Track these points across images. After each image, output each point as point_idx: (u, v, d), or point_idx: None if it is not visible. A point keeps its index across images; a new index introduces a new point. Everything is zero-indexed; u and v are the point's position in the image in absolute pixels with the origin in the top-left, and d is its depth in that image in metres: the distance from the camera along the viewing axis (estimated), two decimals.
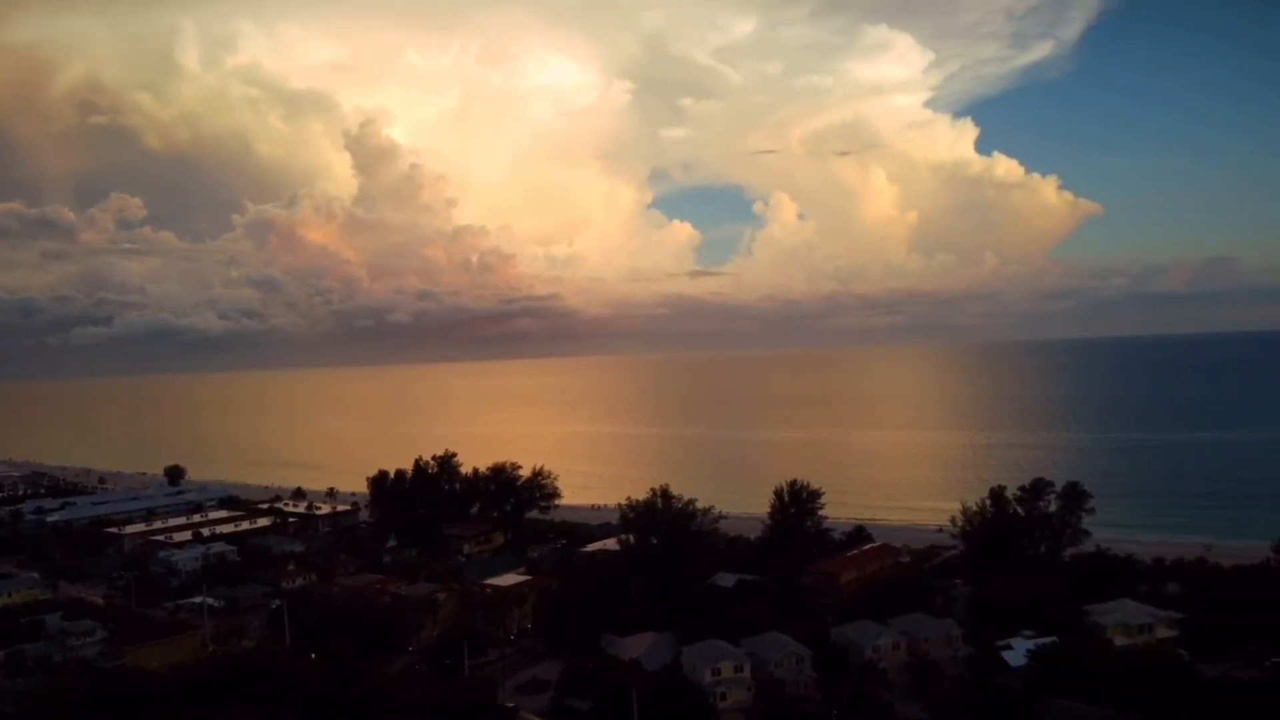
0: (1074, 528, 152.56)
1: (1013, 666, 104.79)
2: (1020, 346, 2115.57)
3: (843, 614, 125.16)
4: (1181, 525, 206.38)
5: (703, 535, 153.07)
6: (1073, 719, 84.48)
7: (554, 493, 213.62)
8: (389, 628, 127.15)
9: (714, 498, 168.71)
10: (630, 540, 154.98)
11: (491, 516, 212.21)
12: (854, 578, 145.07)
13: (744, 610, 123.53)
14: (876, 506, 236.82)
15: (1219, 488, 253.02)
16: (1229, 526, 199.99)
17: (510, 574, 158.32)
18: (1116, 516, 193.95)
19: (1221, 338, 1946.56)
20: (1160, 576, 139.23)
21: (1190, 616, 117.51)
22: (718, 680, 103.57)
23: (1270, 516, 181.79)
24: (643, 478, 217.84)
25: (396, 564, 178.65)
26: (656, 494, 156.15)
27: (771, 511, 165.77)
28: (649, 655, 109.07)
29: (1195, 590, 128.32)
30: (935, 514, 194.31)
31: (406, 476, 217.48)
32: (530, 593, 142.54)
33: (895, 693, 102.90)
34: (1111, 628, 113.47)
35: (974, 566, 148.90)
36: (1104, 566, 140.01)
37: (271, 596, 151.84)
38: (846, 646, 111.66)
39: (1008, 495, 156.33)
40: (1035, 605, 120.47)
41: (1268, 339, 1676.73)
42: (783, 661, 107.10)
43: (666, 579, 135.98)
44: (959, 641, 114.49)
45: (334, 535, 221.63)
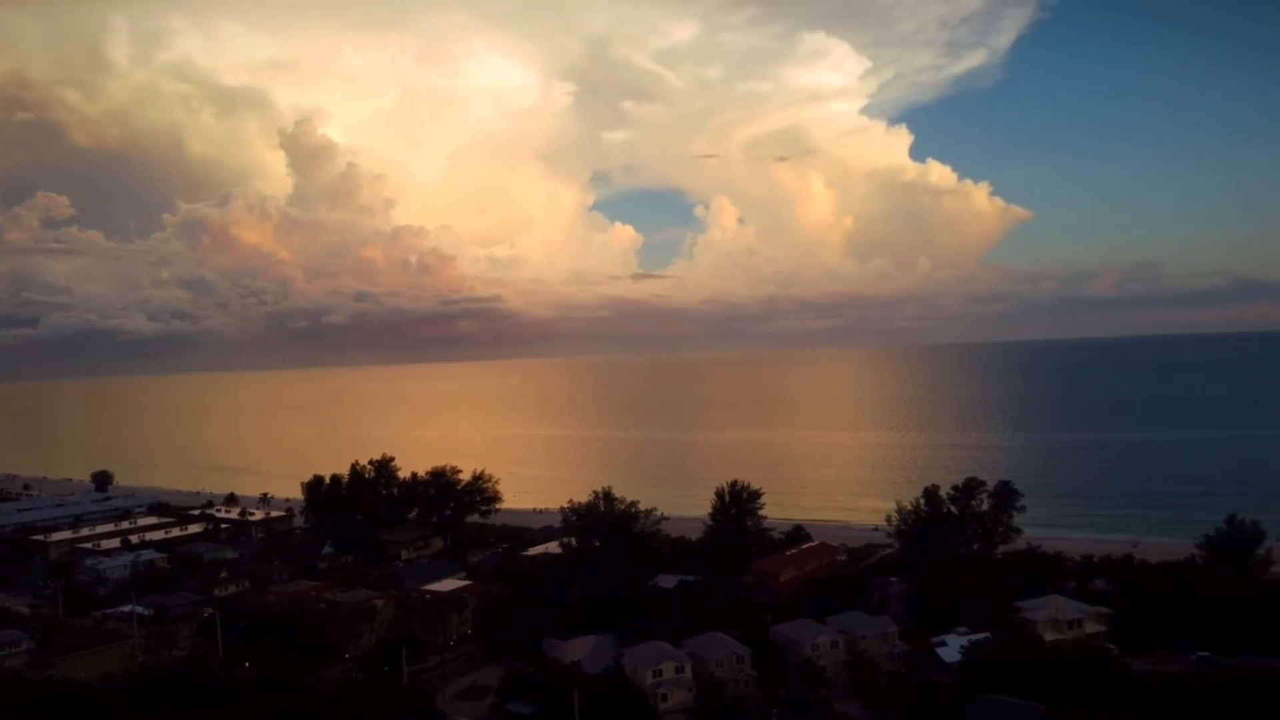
0: (1005, 526, 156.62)
1: (947, 662, 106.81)
2: (953, 349, 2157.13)
3: (782, 612, 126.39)
4: (1109, 523, 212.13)
5: (645, 537, 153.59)
6: (1004, 713, 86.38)
7: (495, 496, 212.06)
8: (325, 635, 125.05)
9: (656, 499, 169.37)
10: (572, 543, 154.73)
11: (430, 521, 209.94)
12: (793, 576, 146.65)
13: (685, 611, 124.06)
14: (815, 506, 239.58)
15: (1145, 487, 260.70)
16: (1154, 524, 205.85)
17: (450, 579, 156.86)
18: (1046, 515, 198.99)
19: (1146, 341, 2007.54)
20: (1089, 573, 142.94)
21: (1118, 612, 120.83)
22: (659, 681, 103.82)
23: (1194, 515, 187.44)
24: (585, 480, 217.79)
25: (332, 570, 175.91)
26: (599, 496, 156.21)
27: (713, 512, 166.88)
28: (591, 658, 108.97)
29: (1122, 586, 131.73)
30: (871, 513, 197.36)
31: (342, 481, 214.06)
32: (470, 598, 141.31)
33: (834, 690, 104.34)
34: (1042, 623, 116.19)
35: (909, 564, 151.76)
36: (1035, 563, 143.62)
37: (203, 605, 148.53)
38: (786, 645, 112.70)
39: (941, 494, 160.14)
40: (969, 602, 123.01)
41: (1190, 342, 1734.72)
42: (723, 661, 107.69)
43: (609, 581, 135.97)
44: (895, 638, 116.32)
45: (268, 542, 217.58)
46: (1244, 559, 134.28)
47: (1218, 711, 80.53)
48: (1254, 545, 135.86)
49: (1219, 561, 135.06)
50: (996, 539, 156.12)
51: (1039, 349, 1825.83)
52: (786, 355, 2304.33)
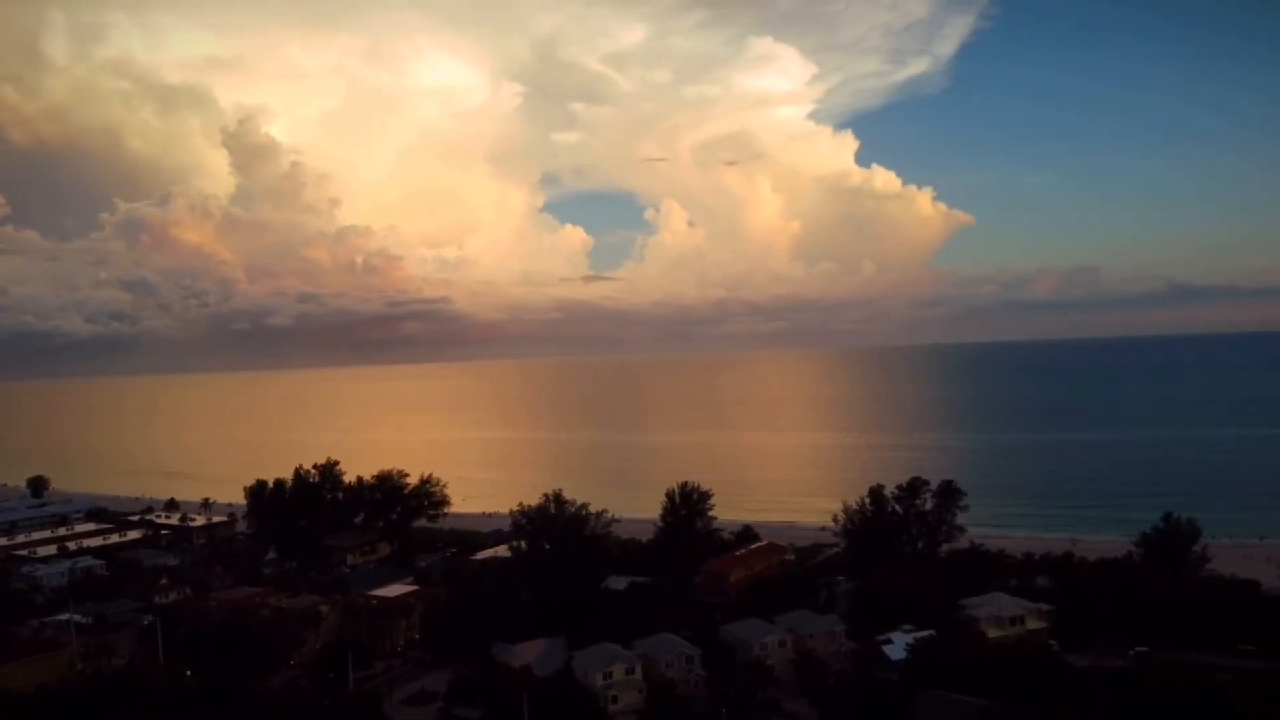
0: (949, 524, 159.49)
1: (893, 660, 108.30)
2: (898, 351, 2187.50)
3: (732, 612, 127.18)
4: (1049, 522, 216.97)
5: (596, 539, 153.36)
6: (948, 710, 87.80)
7: (443, 500, 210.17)
8: (269, 642, 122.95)
9: (607, 501, 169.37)
10: (522, 546, 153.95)
11: (377, 526, 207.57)
12: (742, 576, 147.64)
13: (636, 612, 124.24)
14: (763, 506, 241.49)
15: (1083, 486, 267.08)
16: (1093, 523, 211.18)
17: (397, 584, 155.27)
18: (988, 514, 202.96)
19: (1084, 343, 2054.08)
20: (1030, 571, 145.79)
21: (1059, 609, 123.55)
22: (609, 683, 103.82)
23: (1131, 513, 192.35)
24: (536, 483, 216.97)
25: (276, 576, 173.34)
26: (550, 499, 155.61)
27: (663, 513, 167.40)
28: (540, 661, 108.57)
29: (1063, 584, 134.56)
30: (818, 513, 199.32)
31: (286, 486, 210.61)
32: (418, 603, 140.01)
33: (782, 689, 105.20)
34: (985, 620, 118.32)
35: (855, 563, 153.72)
36: (978, 561, 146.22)
37: (143, 612, 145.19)
38: (735, 644, 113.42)
39: (886, 494, 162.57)
40: (914, 600, 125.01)
41: (1127, 345, 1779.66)
42: (673, 662, 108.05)
43: (559, 584, 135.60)
44: (842, 637, 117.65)
45: (209, 547, 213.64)
46: (1180, 556, 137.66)
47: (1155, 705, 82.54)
48: (1190, 543, 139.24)
49: (1156, 559, 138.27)
50: (940, 538, 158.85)
51: (980, 351, 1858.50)
52: (736, 357, 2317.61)
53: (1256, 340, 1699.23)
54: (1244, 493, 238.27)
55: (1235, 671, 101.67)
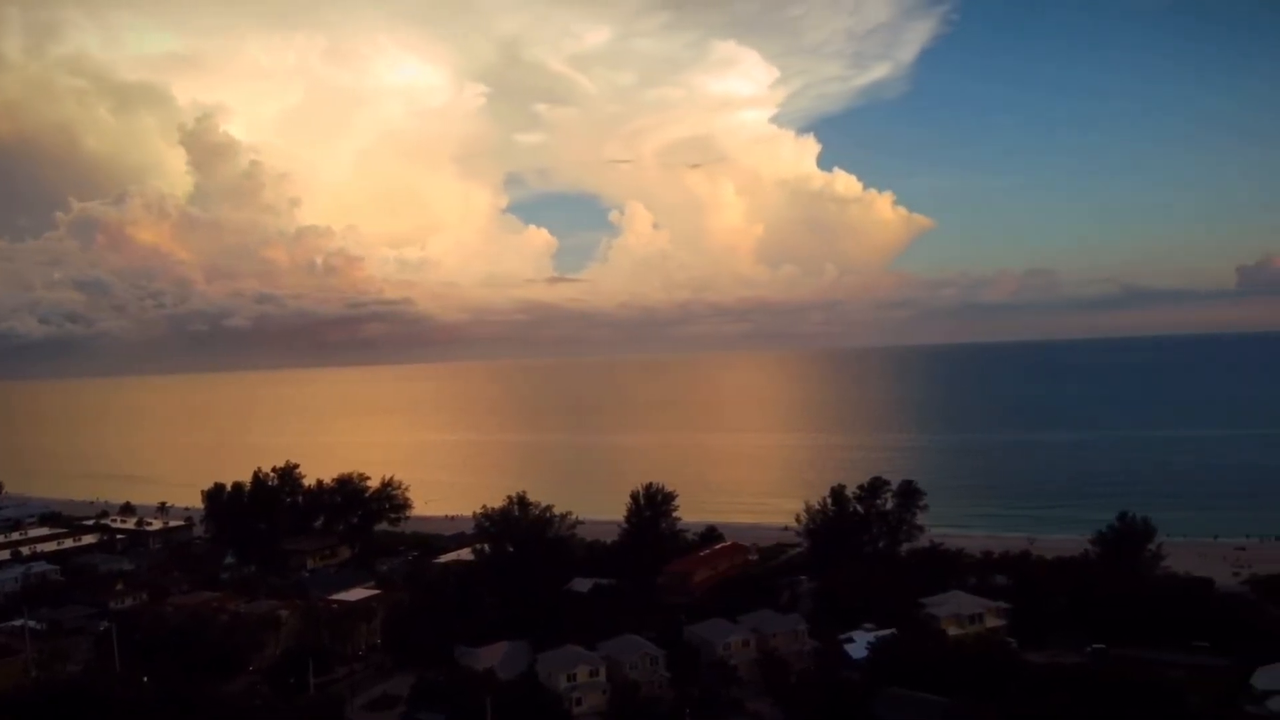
0: (909, 524, 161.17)
1: (854, 658, 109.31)
2: (860, 353, 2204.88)
3: (696, 613, 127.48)
4: (1006, 521, 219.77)
5: (560, 541, 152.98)
6: (909, 708, 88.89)
7: (404, 503, 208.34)
8: (227, 647, 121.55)
9: (571, 503, 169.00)
10: (485, 549, 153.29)
11: (337, 530, 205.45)
12: (706, 577, 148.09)
13: (600, 614, 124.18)
14: (727, 507, 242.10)
15: (1040, 486, 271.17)
16: (1050, 522, 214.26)
17: (358, 588, 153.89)
18: (948, 513, 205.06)
19: (1042, 345, 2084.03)
20: (989, 569, 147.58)
21: (1017, 607, 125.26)
22: (573, 685, 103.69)
23: (1087, 513, 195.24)
24: (499, 485, 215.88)
25: (235, 581, 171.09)
26: (513, 501, 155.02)
27: (628, 515, 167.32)
28: (504, 664, 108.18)
29: (1021, 582, 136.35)
30: (781, 513, 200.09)
31: (244, 489, 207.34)
32: (379, 606, 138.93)
33: (745, 689, 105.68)
34: (945, 618, 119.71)
35: (818, 563, 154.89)
36: (937, 560, 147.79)
37: (99, 618, 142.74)
38: (699, 645, 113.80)
39: (848, 494, 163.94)
40: (875, 599, 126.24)
41: (1083, 346, 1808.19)
42: (638, 663, 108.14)
43: (523, 587, 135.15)
44: (804, 636, 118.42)
45: (166, 552, 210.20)
46: (1135, 554, 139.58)
47: (1111, 703, 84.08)
48: (1144, 541, 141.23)
49: (1112, 557, 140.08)
50: (901, 537, 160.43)
51: (940, 353, 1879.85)
52: (701, 359, 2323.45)
53: (1207, 342, 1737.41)
54: (1198, 492, 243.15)
55: (1189, 668, 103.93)
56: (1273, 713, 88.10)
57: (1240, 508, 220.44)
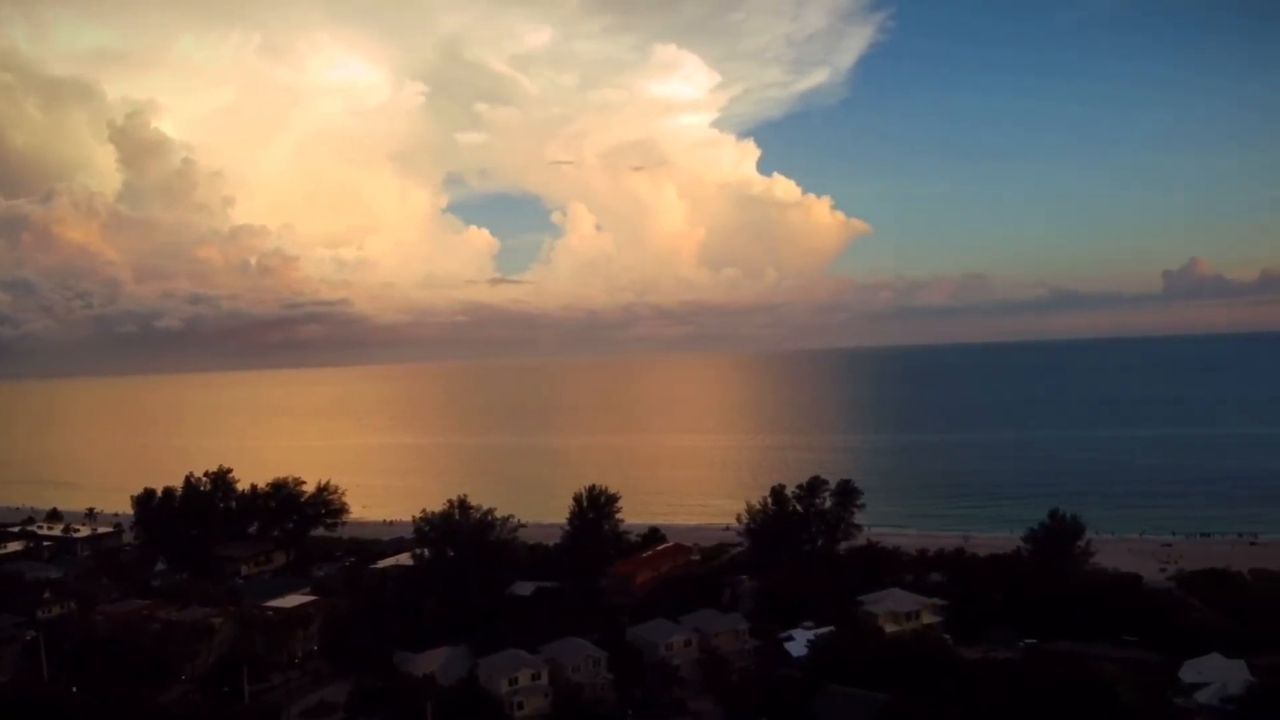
0: (847, 522, 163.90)
1: (794, 656, 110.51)
2: (800, 356, 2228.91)
3: (639, 614, 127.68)
4: (941, 519, 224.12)
5: (502, 545, 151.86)
6: (847, 705, 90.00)
7: (341, 508, 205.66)
8: (159, 656, 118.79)
9: (514, 506, 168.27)
10: (425, 554, 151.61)
11: (272, 535, 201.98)
12: (649, 578, 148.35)
13: (543, 617, 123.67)
14: (670, 508, 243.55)
15: (974, 484, 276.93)
16: (983, 520, 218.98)
17: (294, 594, 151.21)
18: (885, 512, 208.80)
19: (976, 347, 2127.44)
20: (924, 567, 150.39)
21: (952, 603, 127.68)
22: (515, 689, 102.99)
23: (1019, 510, 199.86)
24: (440, 489, 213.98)
25: (166, 588, 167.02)
26: (454, 505, 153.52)
27: (571, 517, 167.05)
28: (444, 669, 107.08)
29: (956, 579, 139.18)
30: (723, 513, 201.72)
31: (176, 494, 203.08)
32: (316, 613, 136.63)
33: (687, 688, 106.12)
34: (882, 616, 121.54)
35: (759, 562, 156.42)
36: (875, 558, 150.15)
37: (25, 627, 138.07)
38: (642, 646, 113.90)
39: (788, 493, 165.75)
40: (815, 597, 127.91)
41: (1015, 349, 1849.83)
42: (580, 665, 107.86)
43: (463, 591, 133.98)
44: (745, 635, 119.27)
45: (95, 559, 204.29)
46: (1066, 551, 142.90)
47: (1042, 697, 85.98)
48: (1074, 538, 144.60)
49: (1043, 554, 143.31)
50: (839, 535, 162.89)
51: (878, 356, 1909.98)
52: (644, 361, 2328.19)
53: (1135, 345, 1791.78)
54: (1126, 490, 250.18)
55: (1120, 662, 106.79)
56: (1201, 705, 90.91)
57: (1166, 505, 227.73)
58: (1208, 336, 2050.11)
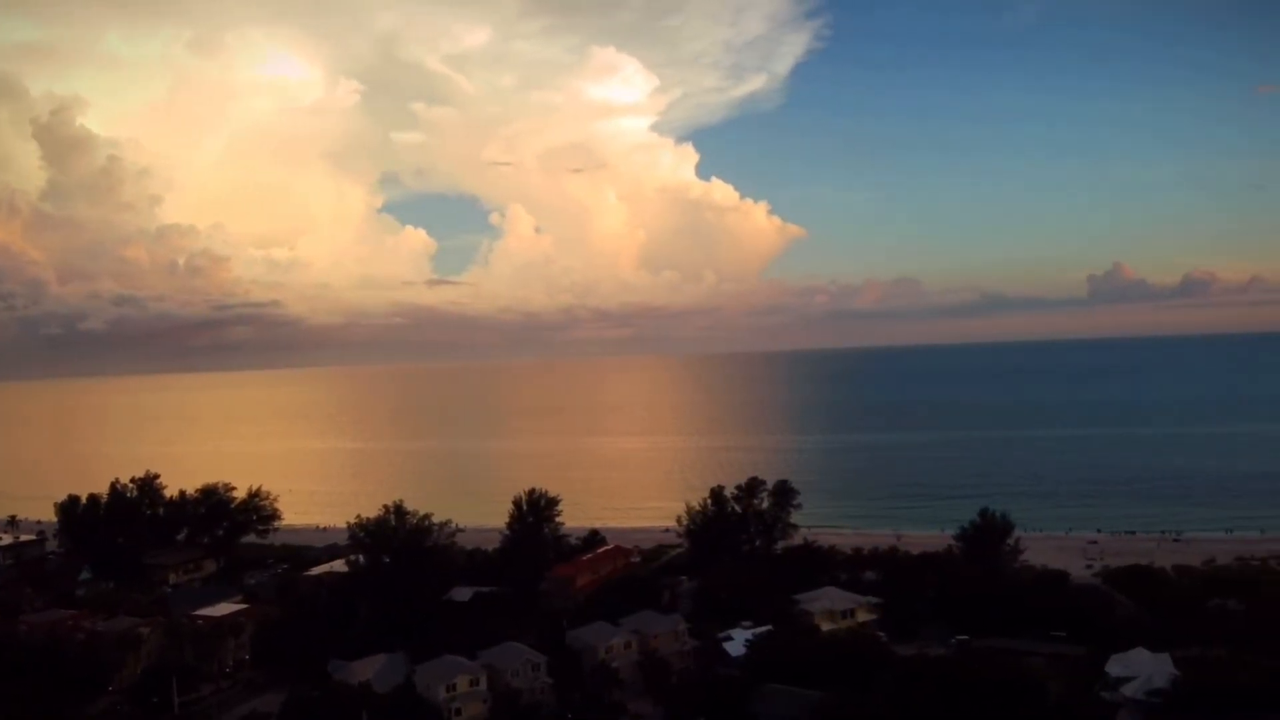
0: (784, 522, 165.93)
1: (733, 656, 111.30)
2: (738, 358, 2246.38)
3: (579, 617, 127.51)
4: (875, 518, 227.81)
5: (439, 550, 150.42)
6: (784, 703, 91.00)
7: (273, 514, 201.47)
8: (86, 667, 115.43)
9: (452, 511, 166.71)
10: (360, 561, 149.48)
11: (201, 542, 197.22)
12: (589, 581, 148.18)
13: (481, 622, 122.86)
14: (610, 510, 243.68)
15: (907, 483, 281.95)
16: (915, 519, 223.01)
17: (224, 603, 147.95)
18: (821, 511, 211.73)
19: (906, 350, 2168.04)
20: (859, 565, 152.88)
21: (886, 601, 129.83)
22: (453, 695, 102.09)
23: (950, 510, 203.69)
24: (375, 495, 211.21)
25: (92, 598, 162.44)
26: (390, 511, 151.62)
27: (510, 521, 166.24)
28: (380, 677, 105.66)
29: (889, 577, 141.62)
30: (662, 515, 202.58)
31: (101, 501, 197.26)
32: (247, 621, 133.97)
33: (627, 690, 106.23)
34: (819, 614, 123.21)
35: (698, 563, 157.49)
36: (811, 557, 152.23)
37: None
38: (581, 649, 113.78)
39: (726, 494, 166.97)
40: (752, 596, 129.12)
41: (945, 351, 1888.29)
42: (519, 670, 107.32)
43: (400, 598, 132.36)
44: (685, 635, 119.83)
45: (17, 568, 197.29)
46: (996, 549, 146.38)
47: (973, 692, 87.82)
48: (1004, 536, 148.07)
49: (974, 552, 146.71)
50: (776, 535, 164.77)
51: (813, 358, 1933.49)
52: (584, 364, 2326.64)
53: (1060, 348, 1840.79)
54: (1052, 489, 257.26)
55: (1049, 657, 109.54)
56: (1127, 698, 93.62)
57: (1092, 503, 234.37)
58: (1131, 339, 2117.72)
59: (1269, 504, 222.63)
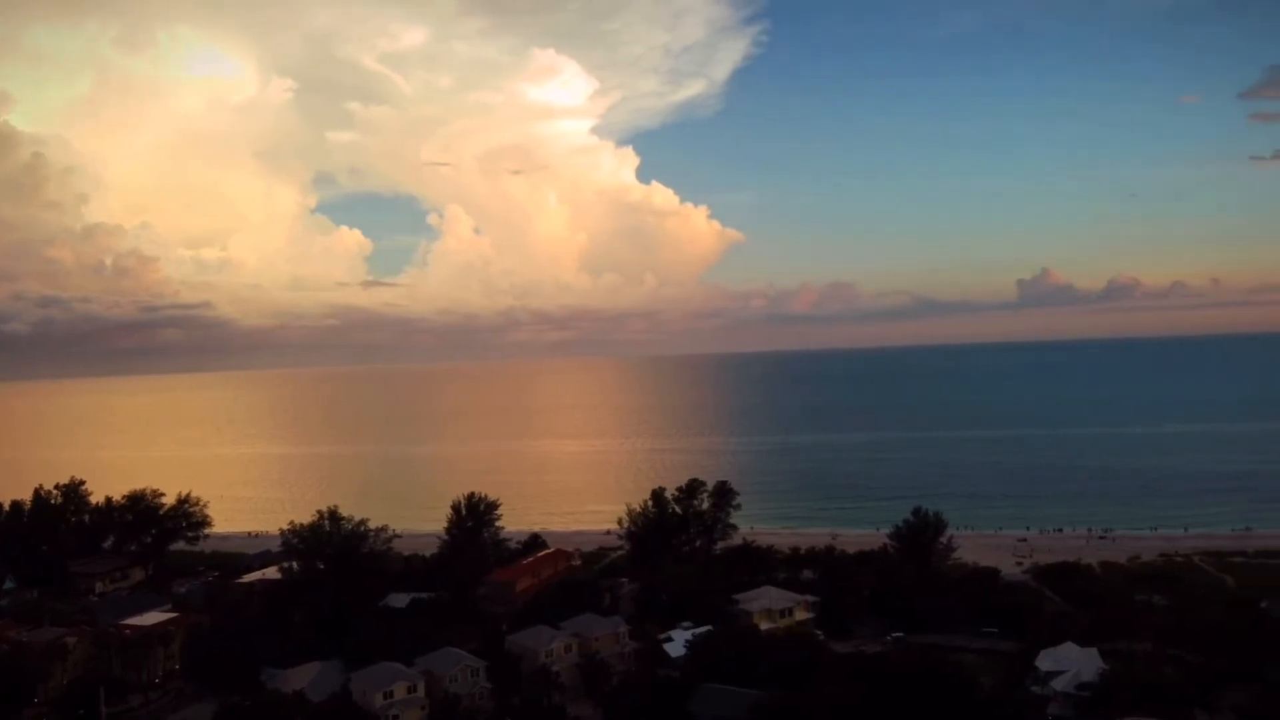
0: (724, 523, 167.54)
1: (673, 657, 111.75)
2: (677, 361, 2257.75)
3: (520, 621, 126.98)
4: (812, 517, 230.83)
5: (375, 556, 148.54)
6: (722, 702, 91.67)
7: (203, 521, 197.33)
8: (10, 678, 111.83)
9: (388, 516, 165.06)
10: (293, 567, 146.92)
11: (129, 550, 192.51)
12: (529, 585, 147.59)
13: (418, 628, 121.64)
14: (551, 514, 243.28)
15: (843, 483, 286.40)
16: (851, 518, 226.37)
17: (153, 612, 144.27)
18: (759, 511, 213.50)
19: (841, 353, 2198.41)
20: (797, 564, 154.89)
21: (823, 599, 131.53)
22: (390, 703, 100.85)
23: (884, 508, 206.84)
24: (309, 500, 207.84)
25: (15, 608, 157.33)
26: (324, 516, 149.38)
27: (449, 526, 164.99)
28: (314, 685, 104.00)
29: (826, 575, 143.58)
30: (604, 517, 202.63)
31: (24, 508, 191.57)
32: (177, 630, 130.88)
33: (567, 694, 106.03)
34: (758, 614, 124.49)
35: (639, 564, 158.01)
36: (750, 557, 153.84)
37: None
38: (521, 653, 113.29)
39: (667, 496, 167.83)
40: (692, 597, 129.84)
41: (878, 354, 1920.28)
42: (458, 676, 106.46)
43: (335, 605, 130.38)
44: (626, 637, 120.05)
45: None
46: (929, 547, 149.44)
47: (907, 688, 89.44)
48: (937, 534, 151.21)
49: (908, 550, 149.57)
50: (717, 536, 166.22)
51: (751, 361, 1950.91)
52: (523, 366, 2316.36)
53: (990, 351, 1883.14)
54: (984, 488, 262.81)
55: (981, 652, 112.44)
56: (1057, 691, 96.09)
57: (1022, 502, 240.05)
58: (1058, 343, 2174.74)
59: (1192, 502, 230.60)
